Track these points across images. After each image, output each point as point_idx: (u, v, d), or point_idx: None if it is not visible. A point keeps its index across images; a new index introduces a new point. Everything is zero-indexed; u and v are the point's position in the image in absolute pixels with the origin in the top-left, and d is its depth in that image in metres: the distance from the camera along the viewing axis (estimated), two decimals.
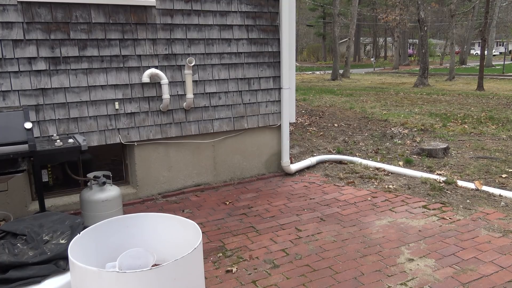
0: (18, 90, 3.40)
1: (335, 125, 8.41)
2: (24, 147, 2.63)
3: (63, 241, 2.05)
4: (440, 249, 2.98)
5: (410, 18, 33.50)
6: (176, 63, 4.05)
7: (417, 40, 34.91)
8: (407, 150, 6.09)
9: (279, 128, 4.78)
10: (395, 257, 2.89)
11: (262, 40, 4.48)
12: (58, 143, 3.00)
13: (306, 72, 30.80)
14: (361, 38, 52.15)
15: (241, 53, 4.38)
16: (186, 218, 1.94)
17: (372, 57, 44.25)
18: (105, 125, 3.80)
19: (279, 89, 4.67)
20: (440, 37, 52.26)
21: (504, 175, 4.71)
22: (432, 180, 4.46)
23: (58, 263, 1.96)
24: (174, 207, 3.94)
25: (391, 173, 4.88)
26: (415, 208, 3.78)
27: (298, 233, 3.31)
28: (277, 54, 4.59)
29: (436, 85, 20.05)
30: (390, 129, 7.75)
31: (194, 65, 4.10)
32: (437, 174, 4.78)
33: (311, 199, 4.07)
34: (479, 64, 18.16)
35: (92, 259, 1.86)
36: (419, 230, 3.30)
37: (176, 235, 1.96)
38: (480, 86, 16.81)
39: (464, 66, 36.38)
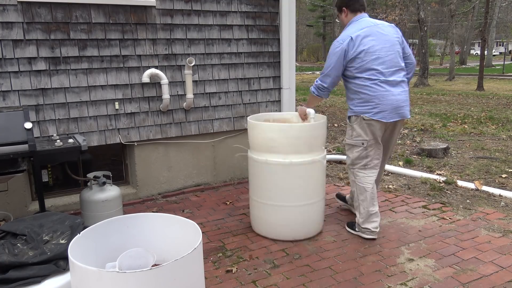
0: (18, 90, 3.41)
1: (335, 125, 8.41)
2: (24, 147, 2.63)
3: (63, 241, 2.05)
4: (440, 249, 2.98)
5: (410, 18, 33.48)
6: (176, 63, 4.05)
7: (417, 40, 34.91)
8: (407, 150, 6.09)
9: None
10: (395, 257, 2.89)
11: (262, 40, 4.48)
12: (58, 143, 3.00)
13: (306, 72, 30.81)
14: None
15: (241, 53, 4.38)
16: (186, 218, 1.94)
17: None
18: (105, 125, 3.80)
19: (279, 89, 4.67)
20: (440, 37, 52.25)
21: (504, 175, 4.71)
22: (432, 180, 4.47)
23: (58, 263, 1.96)
24: (174, 207, 3.94)
25: (391, 173, 4.88)
26: (415, 208, 3.78)
27: None
28: (277, 54, 4.59)
29: (436, 85, 20.06)
30: None
31: (194, 65, 4.10)
32: (437, 174, 4.78)
33: None
34: (479, 64, 18.16)
35: (92, 259, 1.86)
36: (419, 230, 3.30)
37: (176, 235, 1.96)
38: (480, 86, 16.82)
39: (464, 66, 36.38)
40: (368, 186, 3.13)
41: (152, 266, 1.77)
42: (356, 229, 3.27)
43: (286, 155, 3.04)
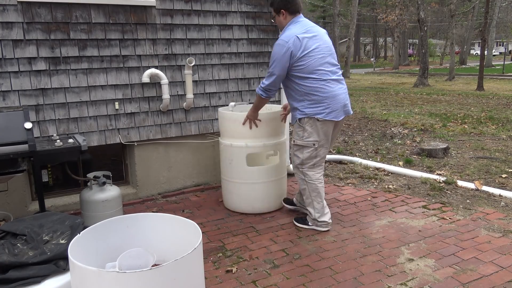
0: (18, 90, 3.41)
1: None
2: (24, 147, 2.63)
3: (63, 241, 2.05)
4: (440, 249, 2.98)
5: (410, 18, 33.51)
6: (176, 63, 4.05)
7: (417, 40, 34.94)
8: (407, 150, 6.09)
9: None
10: (395, 257, 2.89)
11: (262, 40, 4.48)
12: (58, 143, 3.00)
13: None
14: (361, 38, 52.19)
15: (241, 53, 4.38)
16: (186, 218, 1.94)
17: (372, 57, 44.27)
18: (105, 125, 3.80)
19: (279, 89, 4.66)
20: (440, 37, 52.26)
21: (504, 175, 4.71)
22: (432, 180, 4.46)
23: (58, 263, 1.96)
24: (174, 207, 3.94)
25: (391, 173, 4.88)
26: (415, 208, 3.78)
27: (298, 233, 3.31)
28: None
29: (436, 85, 20.06)
30: (390, 129, 7.76)
31: (194, 65, 4.10)
32: (437, 174, 4.78)
33: None
34: (479, 64, 18.16)
35: (92, 259, 1.86)
36: (419, 230, 3.30)
37: (176, 235, 1.96)
38: (480, 86, 16.82)
39: (464, 66, 36.39)
40: (318, 182, 3.25)
41: (152, 266, 1.77)
42: (310, 224, 3.36)
43: (233, 139, 3.61)
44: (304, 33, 3.06)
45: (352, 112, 3.27)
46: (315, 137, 3.13)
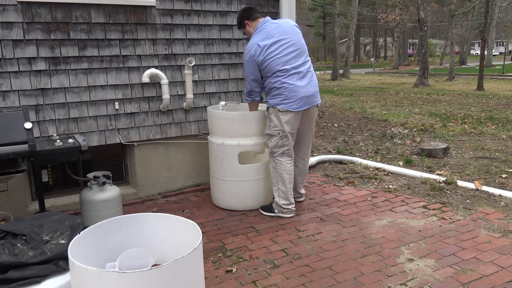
0: (18, 90, 3.40)
1: (335, 125, 8.41)
2: (24, 147, 2.63)
3: (63, 241, 2.05)
4: (440, 249, 2.98)
5: (410, 18, 33.53)
6: (176, 63, 4.05)
7: (417, 40, 34.94)
8: (407, 150, 6.09)
9: None
10: (395, 257, 2.89)
11: None
12: (58, 143, 3.01)
13: None
14: (361, 38, 52.21)
15: (241, 53, 4.38)
16: (186, 218, 1.94)
17: (372, 57, 44.29)
18: (105, 125, 3.80)
19: None
20: (440, 37, 52.25)
21: (504, 175, 4.71)
22: (432, 180, 4.46)
23: (58, 263, 1.96)
24: (174, 207, 3.94)
25: (391, 173, 4.88)
26: (415, 208, 3.78)
27: (298, 233, 3.31)
28: None
29: (436, 85, 20.06)
30: (390, 129, 7.76)
31: (194, 65, 4.10)
32: (437, 174, 4.78)
33: (311, 199, 4.07)
34: (479, 64, 18.17)
35: (92, 259, 1.86)
36: (419, 230, 3.30)
37: (176, 235, 1.96)
38: (480, 86, 16.82)
39: (464, 66, 36.39)
40: (286, 173, 3.54)
41: (152, 266, 1.77)
42: (276, 211, 3.64)
43: (224, 138, 3.69)
44: (265, 39, 3.38)
45: (318, 101, 3.56)
46: (278, 126, 3.42)
